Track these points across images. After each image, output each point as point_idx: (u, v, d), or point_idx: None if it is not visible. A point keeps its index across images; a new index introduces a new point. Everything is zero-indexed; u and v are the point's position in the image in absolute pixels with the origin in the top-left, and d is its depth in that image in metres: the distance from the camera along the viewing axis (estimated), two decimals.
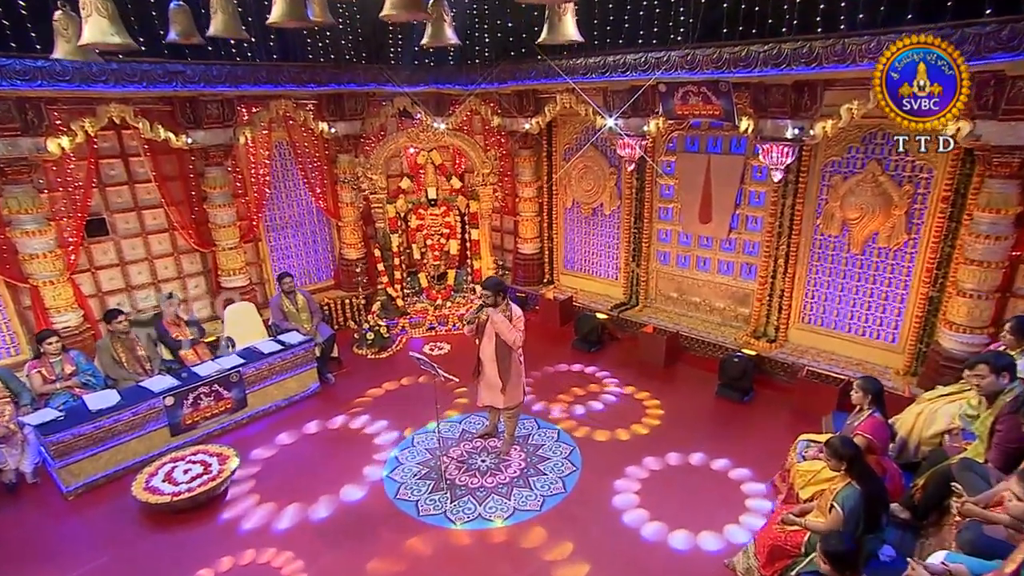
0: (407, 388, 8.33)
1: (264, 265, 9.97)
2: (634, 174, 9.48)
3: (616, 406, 7.73)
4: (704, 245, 9.09)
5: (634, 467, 6.51)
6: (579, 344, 9.33)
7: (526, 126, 9.87)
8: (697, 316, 9.35)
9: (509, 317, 6.03)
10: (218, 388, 7.24)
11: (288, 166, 9.99)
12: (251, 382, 7.56)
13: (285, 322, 8.39)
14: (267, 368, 7.69)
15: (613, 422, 7.31)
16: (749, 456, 6.58)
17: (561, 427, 7.20)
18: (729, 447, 6.77)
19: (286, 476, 6.49)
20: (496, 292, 5.99)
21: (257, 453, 6.94)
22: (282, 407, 7.84)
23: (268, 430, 7.41)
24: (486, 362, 6.25)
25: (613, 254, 10.26)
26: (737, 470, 6.40)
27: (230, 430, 7.39)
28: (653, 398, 7.84)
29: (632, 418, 7.40)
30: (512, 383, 6.24)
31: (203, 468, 6.28)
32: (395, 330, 9.80)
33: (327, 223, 10.64)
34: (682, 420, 7.35)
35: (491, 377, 6.24)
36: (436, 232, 10.32)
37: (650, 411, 7.56)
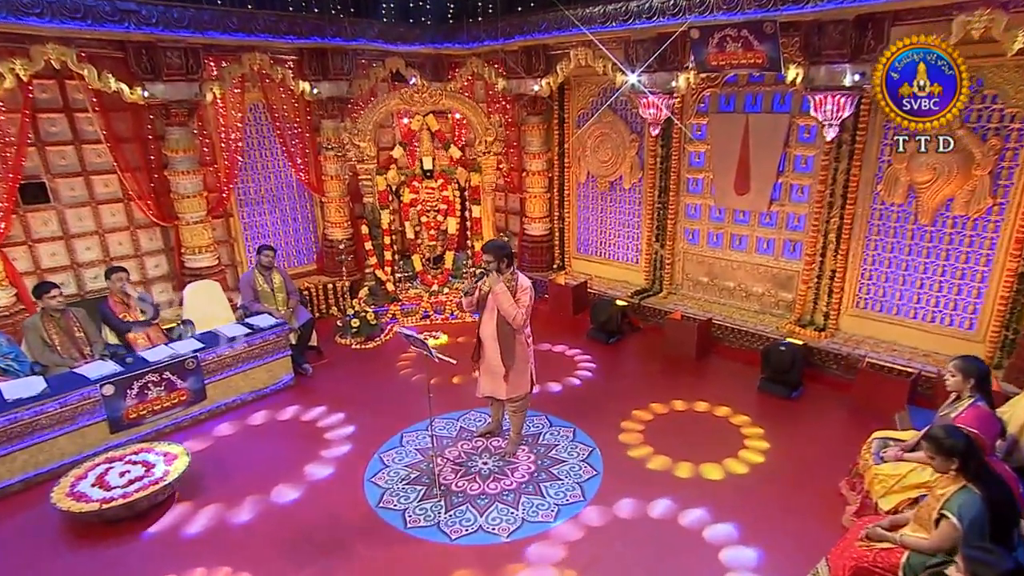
0: (397, 381, 7.58)
1: (236, 245, 9.18)
2: (659, 140, 8.74)
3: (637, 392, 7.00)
4: (740, 220, 8.33)
5: (675, 473, 5.67)
6: (595, 334, 8.59)
7: (535, 88, 9.12)
8: (731, 303, 8.58)
9: (514, 289, 5.28)
10: (170, 376, 6.36)
11: (265, 132, 9.26)
12: (211, 371, 6.74)
13: (256, 303, 7.60)
14: (231, 355, 6.87)
15: (635, 419, 6.53)
16: (806, 458, 5.80)
17: (578, 425, 6.37)
18: (781, 449, 5.95)
19: (247, 481, 5.67)
20: (499, 257, 5.27)
21: (215, 453, 6.13)
22: (249, 401, 7.05)
23: (230, 427, 6.61)
24: (487, 342, 5.52)
25: (633, 234, 9.52)
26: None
27: (185, 427, 6.56)
28: (685, 391, 7.10)
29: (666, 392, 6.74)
30: (517, 369, 5.50)
31: (145, 470, 5.40)
32: (384, 318, 9.01)
33: (309, 199, 9.92)
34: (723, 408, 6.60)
35: (492, 361, 5.51)
36: (432, 208, 9.56)
37: (682, 397, 6.86)
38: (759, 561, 4.60)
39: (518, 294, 5.30)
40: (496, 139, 9.33)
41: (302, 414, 6.79)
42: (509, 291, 5.30)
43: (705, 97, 8.22)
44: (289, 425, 6.59)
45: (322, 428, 6.53)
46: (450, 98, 9.22)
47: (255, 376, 7.10)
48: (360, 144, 8.93)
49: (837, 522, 4.97)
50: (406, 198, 9.42)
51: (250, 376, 7.06)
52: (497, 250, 5.31)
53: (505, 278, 5.32)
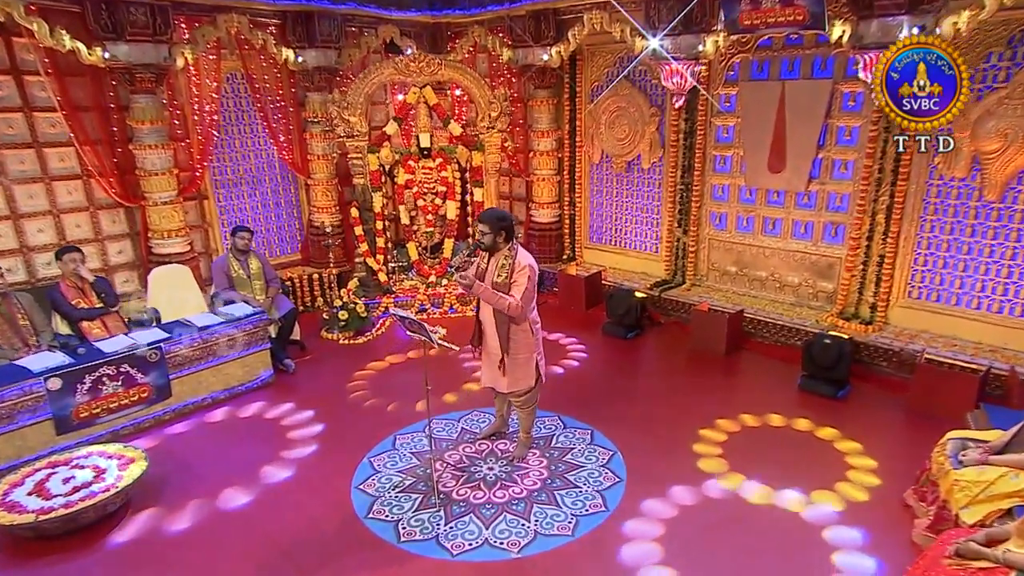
0: (389, 377, 7.07)
1: (211, 230, 8.70)
2: (682, 113, 8.27)
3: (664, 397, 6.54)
4: (774, 202, 7.87)
5: (702, 481, 5.16)
6: (612, 329, 8.12)
7: (544, 57, 8.68)
8: (763, 295, 8.11)
9: (511, 268, 4.80)
10: (129, 370, 5.83)
11: (244, 105, 8.78)
12: (177, 364, 6.23)
13: (231, 291, 7.11)
14: (201, 346, 6.36)
15: (668, 423, 6.02)
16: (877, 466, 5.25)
17: (596, 427, 5.89)
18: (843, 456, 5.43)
19: (216, 489, 5.15)
20: (496, 229, 4.81)
21: (180, 457, 5.61)
22: (221, 400, 6.55)
23: (199, 428, 6.11)
24: (486, 326, 5.10)
25: (653, 220, 9.07)
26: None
27: (146, 428, 6.05)
28: (715, 390, 6.67)
29: (704, 409, 6.22)
30: (517, 360, 5.01)
31: (94, 475, 4.85)
32: (376, 311, 8.51)
33: (293, 181, 9.44)
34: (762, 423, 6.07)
35: (493, 348, 5.08)
36: (429, 191, 9.06)
37: (715, 404, 6.33)
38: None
39: (515, 275, 4.80)
40: (501, 114, 8.85)
41: (281, 414, 6.31)
42: (506, 269, 4.82)
43: (735, 64, 7.76)
44: (267, 427, 6.11)
45: (303, 430, 6.04)
46: (450, 68, 8.74)
47: (229, 372, 6.60)
48: (350, 119, 8.45)
49: (905, 538, 4.44)
50: (401, 179, 8.95)
51: (223, 372, 6.55)
52: (495, 220, 4.82)
53: (502, 254, 4.86)
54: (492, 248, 4.86)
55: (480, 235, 4.84)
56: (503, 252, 4.86)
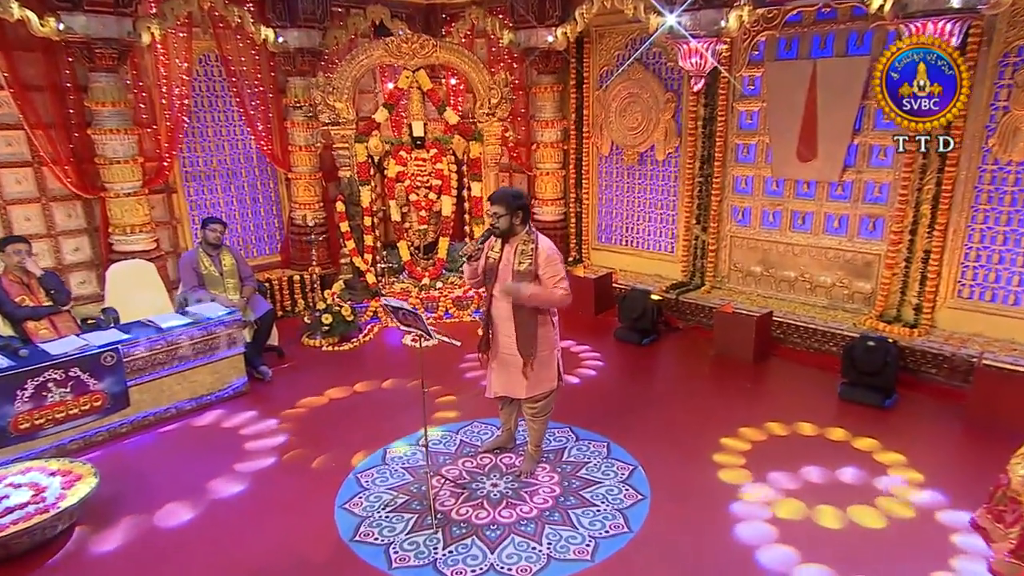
0: (378, 387, 6.65)
1: (181, 227, 8.26)
2: (702, 98, 7.95)
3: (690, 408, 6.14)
4: (804, 194, 7.54)
5: (733, 498, 4.77)
6: (625, 334, 7.76)
7: (549, 39, 8.38)
8: (792, 298, 7.76)
9: (534, 254, 4.47)
10: (80, 375, 5.36)
11: (218, 90, 8.39)
12: (137, 370, 5.78)
13: (200, 290, 6.72)
14: (165, 350, 5.94)
15: (691, 432, 5.67)
16: (924, 480, 4.89)
17: (613, 439, 5.53)
18: (885, 469, 5.06)
19: (181, 511, 4.70)
20: (512, 209, 4.49)
21: (137, 475, 5.16)
22: (187, 410, 6.11)
23: (161, 442, 5.67)
24: (500, 324, 4.71)
25: (668, 216, 8.73)
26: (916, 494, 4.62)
27: (99, 441, 5.58)
28: (744, 403, 6.27)
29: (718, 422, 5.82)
30: (541, 358, 4.69)
31: (33, 494, 4.36)
32: (363, 316, 8.12)
33: (273, 175, 9.03)
34: (799, 432, 5.70)
35: (507, 350, 4.71)
36: (423, 184, 8.66)
37: (743, 419, 5.92)
38: None
39: (544, 264, 4.47)
40: (502, 100, 8.50)
41: (256, 427, 5.87)
42: (528, 256, 4.48)
43: (760, 42, 7.42)
44: (239, 440, 5.66)
45: (280, 443, 5.59)
46: (446, 51, 8.41)
47: (197, 379, 6.16)
48: (336, 104, 8.10)
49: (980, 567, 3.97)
50: (391, 172, 8.55)
51: (190, 379, 6.12)
52: (510, 199, 4.50)
53: (520, 239, 4.53)
54: (508, 232, 4.54)
55: (493, 218, 4.50)
56: (521, 237, 4.55)
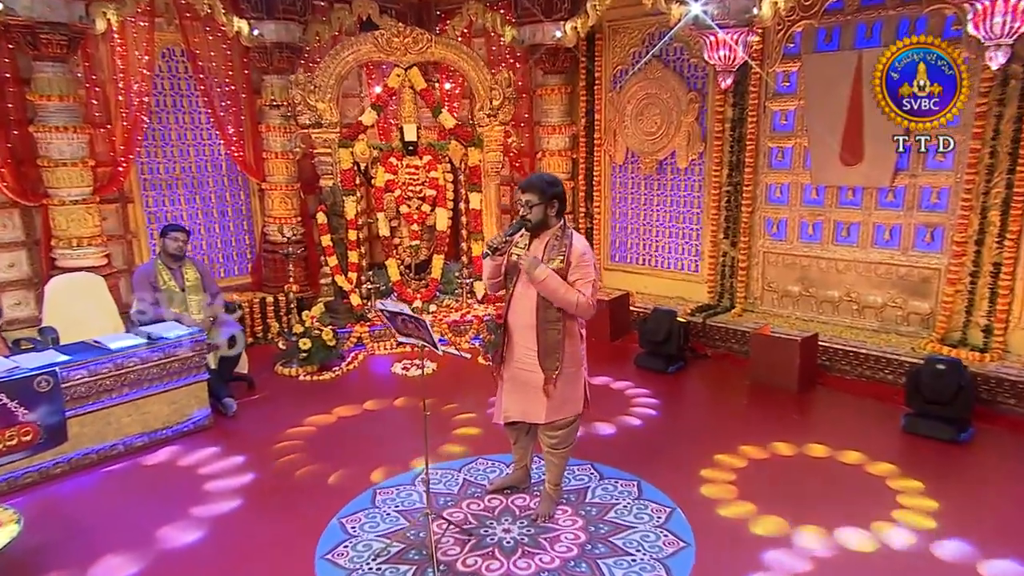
0: (364, 419, 6.29)
1: (137, 241, 7.94)
2: (730, 97, 7.77)
3: None
4: (848, 203, 7.29)
5: (800, 543, 4.37)
6: (648, 362, 7.43)
7: (557, 35, 8.16)
8: (836, 321, 7.46)
9: (566, 252, 4.20)
10: (5, 402, 4.89)
11: (183, 88, 8.18)
12: (79, 398, 5.30)
13: (157, 307, 6.28)
14: (112, 374, 5.46)
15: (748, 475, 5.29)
16: (1007, 524, 4.56)
17: (644, 477, 5.14)
18: (965, 518, 4.65)
19: (123, 562, 4.24)
20: (547, 198, 4.24)
21: (75, 522, 4.70)
22: (138, 447, 5.64)
23: (105, 484, 5.20)
24: (519, 334, 4.37)
25: (692, 231, 8.51)
26: (996, 562, 4.18)
27: (27, 484, 5.07)
28: (799, 440, 5.84)
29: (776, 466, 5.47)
30: (566, 375, 4.34)
31: None
32: (347, 342, 7.75)
33: (244, 185, 8.80)
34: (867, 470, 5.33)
35: (526, 364, 4.36)
36: (415, 195, 8.37)
37: (800, 454, 5.61)
38: None
39: (576, 263, 4.19)
40: (505, 101, 8.30)
41: (219, 466, 5.43)
42: (558, 252, 4.20)
43: (796, 34, 7.15)
44: (199, 481, 5.21)
45: (249, 485, 5.16)
46: (442, 46, 8.21)
47: (151, 409, 5.71)
48: (318, 104, 7.82)
49: None
50: (380, 180, 8.26)
51: (143, 409, 5.67)
52: (544, 186, 4.24)
53: (552, 234, 4.25)
54: (539, 226, 4.24)
55: (525, 208, 4.21)
56: (553, 232, 4.26)
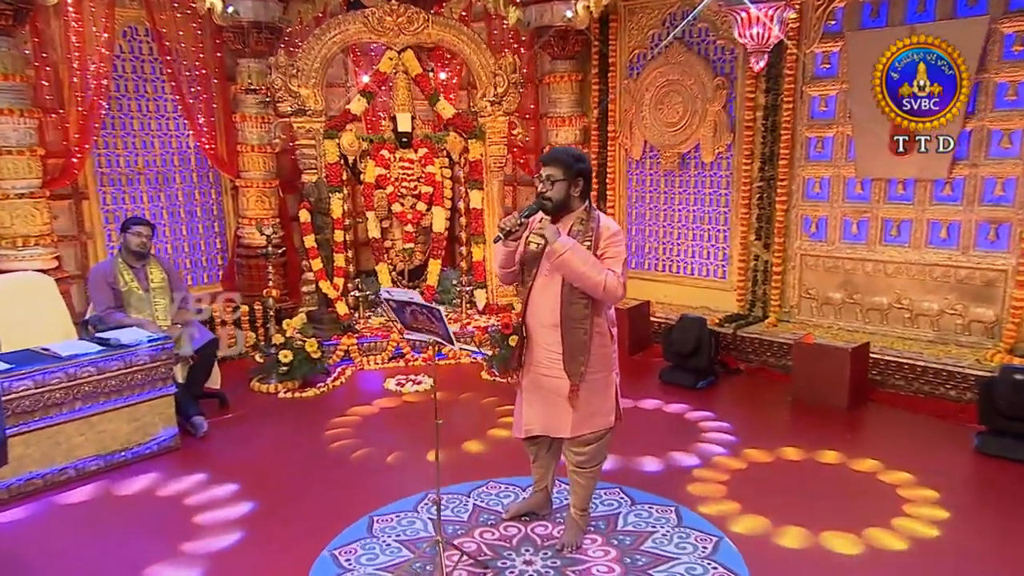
0: (356, 436, 6.03)
1: (92, 243, 7.71)
2: (761, 81, 7.66)
3: (773, 468, 5.58)
4: (898, 197, 7.11)
5: None
6: (674, 377, 7.22)
7: (568, 15, 8.16)
8: (885, 330, 7.25)
9: (594, 235, 3.97)
10: None
11: (147, 71, 8.04)
12: (22, 413, 4.96)
13: (118, 312, 6.04)
14: (62, 386, 5.14)
15: (790, 496, 5.07)
16: None
17: (682, 502, 4.94)
18: None
19: None
20: (571, 174, 3.99)
21: (13, 558, 4.42)
22: (91, 471, 5.32)
23: (54, 515, 4.89)
24: (539, 333, 4.14)
25: (719, 233, 8.42)
26: None
27: None
28: (855, 460, 5.62)
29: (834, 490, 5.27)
30: (592, 382, 4.10)
31: None
32: (333, 355, 7.58)
33: (216, 182, 8.71)
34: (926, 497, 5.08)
35: (547, 367, 4.13)
36: (409, 192, 8.26)
37: (852, 475, 5.41)
38: None
39: (601, 245, 3.95)
40: (510, 88, 8.21)
41: (189, 491, 5.15)
42: (585, 239, 3.96)
43: (837, 10, 7.16)
44: (165, 509, 4.93)
45: (223, 512, 4.86)
46: (440, 26, 8.14)
47: (108, 428, 5.40)
48: (300, 90, 7.71)
49: None
50: (370, 175, 8.13)
51: (99, 427, 5.35)
52: (570, 160, 3.99)
53: (576, 217, 4.01)
54: (561, 207, 3.98)
55: (545, 185, 3.94)
56: (577, 215, 4.01)
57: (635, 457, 5.49)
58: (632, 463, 5.43)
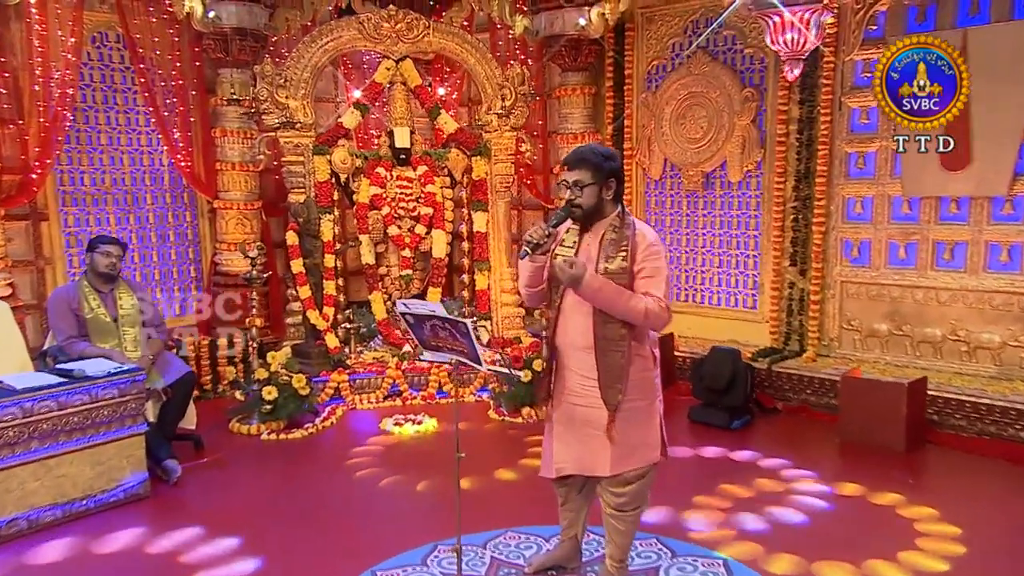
0: (349, 489, 5.83)
1: (52, 268, 7.65)
2: (795, 91, 7.60)
3: (832, 517, 5.36)
4: (952, 217, 6.99)
5: None
6: (705, 416, 7.05)
7: (581, 22, 8.19)
8: (940, 366, 7.05)
9: (630, 246, 3.76)
10: None
11: (119, 81, 8.03)
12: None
13: (81, 342, 5.81)
14: (17, 424, 4.86)
15: (845, 545, 4.87)
16: None
17: (727, 553, 4.73)
18: None
19: None
20: (602, 175, 3.80)
21: None
22: (48, 523, 5.03)
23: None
24: (572, 358, 3.93)
25: (748, 259, 8.36)
26: None
27: None
28: (911, 505, 5.45)
29: (890, 540, 4.99)
30: (634, 411, 3.86)
31: None
32: (322, 393, 7.38)
33: (192, 203, 8.63)
34: (1004, 550, 4.87)
35: (580, 396, 3.92)
36: (407, 214, 8.28)
37: (926, 530, 5.11)
38: None
39: (639, 258, 3.72)
40: (518, 101, 8.18)
41: (169, 546, 4.89)
42: (619, 248, 3.74)
43: (879, 14, 7.13)
44: (133, 567, 4.66)
45: (197, 567, 4.59)
46: (442, 34, 8.19)
47: (68, 472, 5.11)
48: (289, 102, 7.65)
49: None
50: (364, 195, 8.08)
51: (58, 471, 5.07)
52: (599, 159, 3.77)
53: (608, 225, 3.79)
54: (592, 214, 3.76)
55: (573, 191, 3.72)
56: (609, 222, 3.78)
57: (673, 506, 5.25)
58: (670, 512, 5.20)
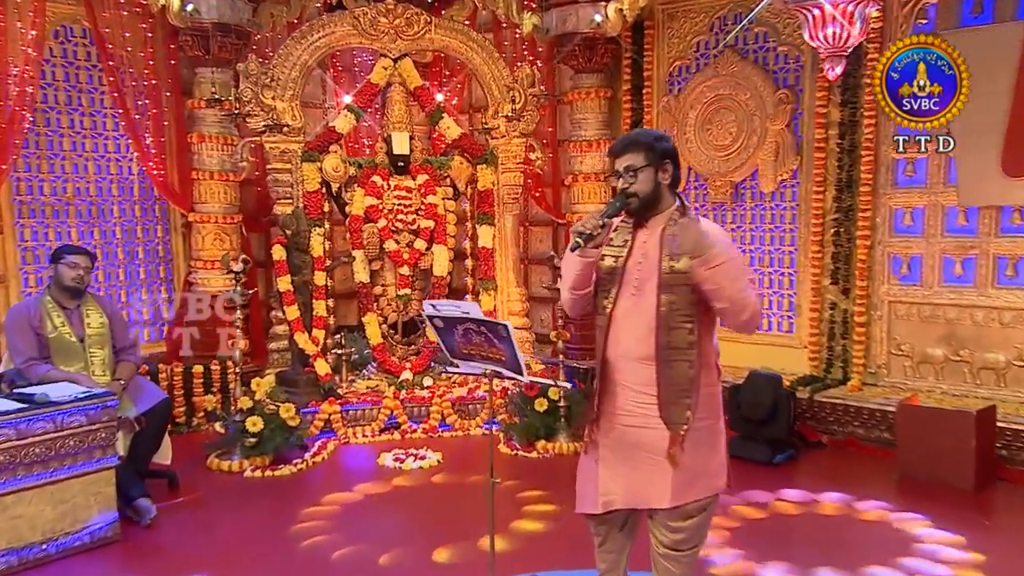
0: (348, 523, 5.67)
1: (5, 287, 7.48)
2: (836, 93, 7.51)
3: None
4: (1014, 229, 6.89)
5: None
6: (744, 450, 6.78)
7: (596, 19, 8.12)
8: (1003, 395, 6.87)
9: (696, 242, 3.51)
10: None
11: (84, 81, 7.98)
12: None
13: (43, 364, 5.63)
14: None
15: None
16: None
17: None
18: None
19: None
20: (656, 159, 3.51)
21: None
22: (0, 572, 4.87)
23: None
24: (623, 370, 3.64)
25: (783, 277, 8.28)
26: None
27: None
28: None
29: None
30: (700, 433, 3.59)
31: None
32: (311, 426, 7.29)
33: (164, 216, 8.56)
34: None
35: (633, 416, 3.62)
36: (406, 227, 8.25)
37: None
38: None
39: (711, 251, 3.42)
40: (527, 104, 8.13)
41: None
42: (681, 242, 3.43)
43: (930, 6, 6.96)
44: None
45: None
46: (444, 31, 8.19)
47: (25, 512, 4.91)
48: (275, 103, 7.56)
49: None
50: (358, 207, 8.00)
51: (14, 511, 4.87)
52: (651, 142, 3.51)
53: (666, 218, 3.54)
54: (648, 204, 3.50)
55: (627, 179, 3.47)
56: (668, 215, 3.53)
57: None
58: None
